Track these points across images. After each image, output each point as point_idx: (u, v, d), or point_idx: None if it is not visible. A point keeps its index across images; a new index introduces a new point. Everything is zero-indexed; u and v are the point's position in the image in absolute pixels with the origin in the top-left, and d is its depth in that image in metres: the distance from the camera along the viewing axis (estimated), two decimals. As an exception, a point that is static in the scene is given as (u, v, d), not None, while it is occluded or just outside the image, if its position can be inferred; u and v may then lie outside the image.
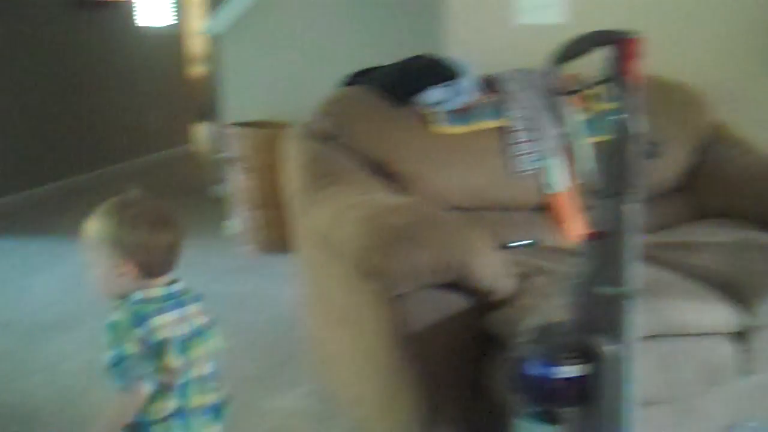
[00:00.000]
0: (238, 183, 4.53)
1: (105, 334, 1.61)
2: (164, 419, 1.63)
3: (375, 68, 2.88)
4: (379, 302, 2.04)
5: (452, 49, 3.16)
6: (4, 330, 3.40)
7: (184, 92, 8.09)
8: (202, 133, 8.17)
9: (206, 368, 1.70)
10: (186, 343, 1.65)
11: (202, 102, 8.58)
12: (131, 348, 1.58)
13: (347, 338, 2.41)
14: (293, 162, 2.64)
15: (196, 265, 4.26)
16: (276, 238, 4.45)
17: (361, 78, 2.87)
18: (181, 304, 1.68)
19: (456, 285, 1.98)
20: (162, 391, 1.62)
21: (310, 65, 4.51)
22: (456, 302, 2.01)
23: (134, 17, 7.15)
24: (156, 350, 1.60)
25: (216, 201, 5.46)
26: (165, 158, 7.54)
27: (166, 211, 1.69)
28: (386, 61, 2.92)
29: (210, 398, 1.71)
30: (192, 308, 1.71)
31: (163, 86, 7.55)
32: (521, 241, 2.58)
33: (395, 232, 1.99)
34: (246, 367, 3.02)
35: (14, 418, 2.66)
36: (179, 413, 1.64)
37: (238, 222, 4.62)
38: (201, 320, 1.71)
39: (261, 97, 4.67)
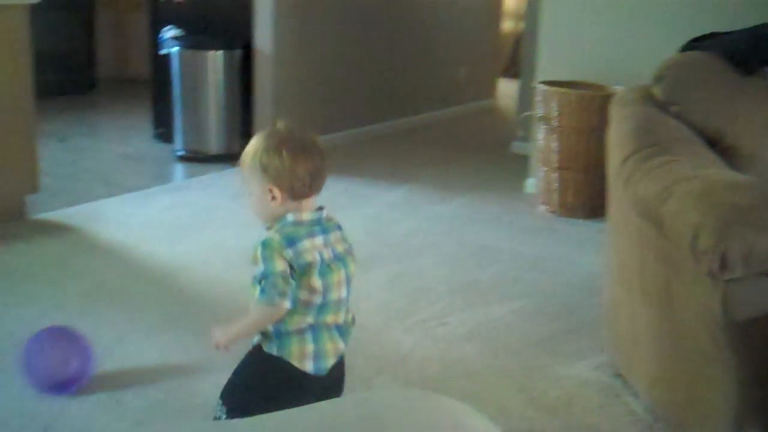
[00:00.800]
0: (541, 142, 4.47)
1: (256, 250, 1.73)
2: (300, 331, 1.77)
3: (719, 33, 2.67)
4: (703, 284, 1.90)
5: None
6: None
7: (495, 46, 8.13)
8: (508, 88, 8.18)
9: (343, 292, 1.82)
10: (327, 267, 1.77)
11: (512, 57, 8.58)
12: (280, 266, 1.72)
13: (652, 316, 2.28)
14: (619, 127, 2.52)
15: (493, 222, 4.31)
16: (575, 202, 4.35)
17: (702, 44, 2.68)
18: (326, 231, 1.81)
19: (795, 276, 1.81)
20: (302, 307, 1.75)
21: (639, 28, 4.30)
22: (793, 294, 1.84)
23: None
24: (301, 271, 1.74)
25: (517, 158, 5.45)
26: (470, 111, 7.65)
27: (309, 140, 1.83)
28: (727, 26, 2.70)
29: (341, 318, 1.84)
30: (335, 235, 1.83)
31: (475, 39, 7.61)
32: None
33: (733, 211, 1.84)
34: (537, 330, 2.99)
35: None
36: (313, 327, 1.78)
37: (538, 182, 4.57)
38: (341, 247, 1.83)
39: (577, 56, 4.54)
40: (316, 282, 1.75)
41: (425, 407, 0.85)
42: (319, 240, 1.79)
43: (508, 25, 8.70)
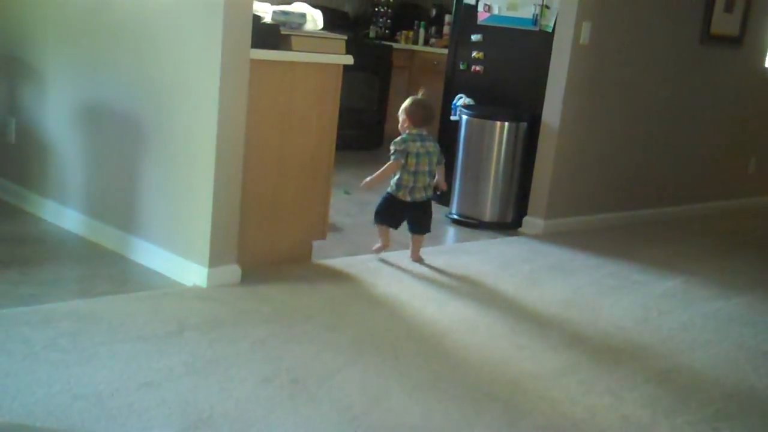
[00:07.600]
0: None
1: (394, 142, 4.28)
2: (406, 186, 4.31)
3: None
4: None
5: None
6: (580, 343, 3.55)
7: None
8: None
9: (426, 167, 4.26)
10: (418, 154, 4.23)
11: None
12: (399, 147, 4.22)
13: None
14: None
15: None
16: None
17: None
18: (423, 139, 4.26)
19: None
20: (406, 172, 4.26)
21: None
22: None
23: (764, 58, 6.93)
24: (405, 154, 4.22)
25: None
26: (758, 205, 7.28)
27: (428, 103, 4.31)
28: None
29: (426, 180, 4.31)
30: (429, 142, 4.29)
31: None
32: None
33: None
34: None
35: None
36: (411, 188, 4.30)
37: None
38: (432, 148, 4.29)
39: None
40: (412, 159, 4.21)
41: None
42: (417, 143, 4.21)
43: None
